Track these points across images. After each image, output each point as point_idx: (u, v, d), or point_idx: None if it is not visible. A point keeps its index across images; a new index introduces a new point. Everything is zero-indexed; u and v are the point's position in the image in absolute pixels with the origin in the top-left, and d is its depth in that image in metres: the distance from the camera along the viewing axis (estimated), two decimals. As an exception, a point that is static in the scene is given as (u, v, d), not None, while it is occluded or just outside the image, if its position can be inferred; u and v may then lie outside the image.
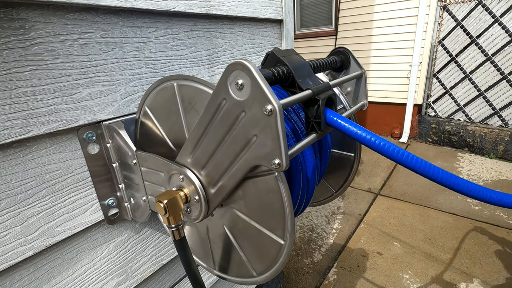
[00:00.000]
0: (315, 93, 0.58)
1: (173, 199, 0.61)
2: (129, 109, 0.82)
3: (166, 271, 1.09)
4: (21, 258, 0.68)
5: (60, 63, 0.66)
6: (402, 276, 2.44)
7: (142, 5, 0.77)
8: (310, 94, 0.58)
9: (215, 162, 0.58)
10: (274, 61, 0.63)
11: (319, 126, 0.59)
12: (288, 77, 0.61)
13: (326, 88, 0.61)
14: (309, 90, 0.58)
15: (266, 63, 0.65)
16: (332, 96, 0.62)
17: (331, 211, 3.44)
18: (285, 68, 0.61)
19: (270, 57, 0.64)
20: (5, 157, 0.62)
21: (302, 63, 0.65)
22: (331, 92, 0.62)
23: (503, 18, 4.08)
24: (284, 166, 0.48)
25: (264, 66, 0.65)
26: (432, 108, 5.12)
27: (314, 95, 0.58)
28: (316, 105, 0.58)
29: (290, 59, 0.64)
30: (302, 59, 0.67)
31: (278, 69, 0.60)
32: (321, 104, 0.58)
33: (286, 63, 0.62)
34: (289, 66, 0.61)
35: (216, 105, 0.53)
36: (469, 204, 3.36)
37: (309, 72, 0.65)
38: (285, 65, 0.62)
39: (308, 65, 0.67)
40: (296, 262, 2.68)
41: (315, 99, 0.58)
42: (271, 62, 0.64)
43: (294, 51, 0.68)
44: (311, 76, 0.65)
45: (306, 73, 0.64)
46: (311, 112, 0.59)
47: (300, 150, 0.56)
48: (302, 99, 0.56)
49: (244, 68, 0.46)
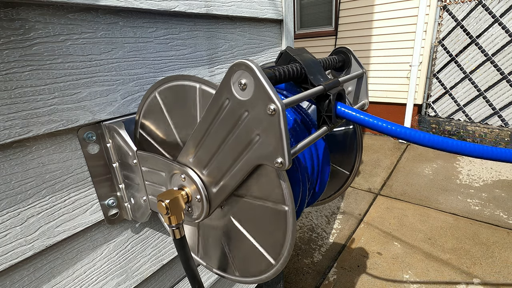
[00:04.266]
0: (327, 88, 0.63)
1: (175, 198, 0.61)
2: (129, 109, 0.81)
3: (166, 271, 1.08)
4: (21, 258, 0.68)
5: (60, 63, 0.66)
6: (402, 276, 2.44)
7: (142, 5, 0.77)
8: (322, 90, 0.62)
9: (217, 161, 0.58)
10: (288, 59, 0.67)
11: (330, 119, 0.64)
12: (301, 74, 0.65)
13: (336, 84, 0.66)
14: (320, 86, 0.62)
15: (279, 61, 0.68)
16: (341, 92, 0.66)
17: (331, 211, 3.44)
18: (298, 66, 0.65)
19: (284, 56, 0.68)
20: (5, 157, 0.62)
21: (313, 61, 0.69)
22: (340, 88, 0.66)
23: (503, 18, 4.08)
24: (287, 165, 0.48)
25: (278, 64, 0.68)
26: (432, 108, 5.12)
27: (325, 91, 0.63)
28: (327, 100, 0.63)
29: (302, 57, 0.67)
30: (313, 57, 0.71)
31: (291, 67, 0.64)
32: (332, 98, 0.63)
33: (299, 61, 0.66)
34: (302, 64, 0.65)
35: (219, 104, 0.53)
36: (469, 204, 3.36)
37: (319, 69, 0.69)
38: (298, 63, 0.65)
39: (319, 63, 0.71)
40: (296, 262, 2.68)
41: (326, 94, 0.63)
42: (285, 60, 0.68)
43: (305, 50, 0.72)
44: (321, 73, 0.68)
45: (317, 70, 0.68)
46: (322, 106, 0.64)
47: (304, 148, 0.56)
48: (314, 94, 0.60)
49: (248, 68, 0.47)
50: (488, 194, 3.52)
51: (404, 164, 4.43)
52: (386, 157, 4.72)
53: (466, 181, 3.83)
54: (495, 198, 3.43)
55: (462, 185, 3.75)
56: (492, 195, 3.49)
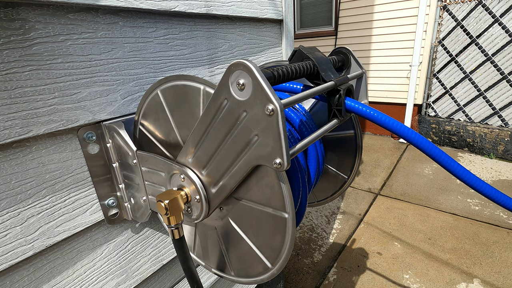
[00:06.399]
0: (337, 84, 0.67)
1: (174, 199, 0.61)
2: (129, 109, 0.81)
3: (166, 271, 1.09)
4: (21, 258, 0.68)
5: (60, 63, 0.66)
6: (402, 276, 2.44)
7: (142, 5, 0.77)
8: (333, 85, 0.66)
9: (216, 161, 0.58)
10: (301, 57, 0.71)
11: (340, 112, 0.68)
12: (313, 71, 0.68)
13: (346, 80, 0.70)
14: (331, 81, 0.66)
15: (293, 59, 0.72)
16: (350, 87, 0.71)
17: (331, 211, 3.44)
18: (311, 63, 0.68)
19: (298, 54, 0.71)
20: (5, 157, 0.62)
21: (324, 59, 0.73)
22: (350, 84, 0.71)
23: (503, 18, 4.08)
24: (286, 166, 0.48)
25: (291, 61, 0.71)
26: (432, 108, 5.12)
27: (336, 86, 0.67)
28: (338, 95, 0.67)
29: (314, 55, 0.71)
30: (324, 55, 0.75)
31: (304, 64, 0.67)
32: (343, 93, 0.67)
33: (311, 59, 0.69)
34: (314, 61, 0.69)
35: (218, 105, 0.53)
36: (469, 204, 3.36)
37: (330, 66, 0.73)
38: (311, 60, 0.69)
39: (329, 60, 0.75)
40: (296, 262, 2.68)
41: (337, 89, 0.67)
42: (299, 57, 0.71)
43: (316, 49, 0.75)
44: (331, 70, 0.72)
45: (328, 67, 0.72)
46: (333, 100, 0.69)
47: (303, 148, 0.56)
48: (326, 89, 0.65)
49: (246, 68, 0.46)
50: (488, 194, 3.51)
51: (404, 164, 4.43)
52: (386, 157, 4.72)
53: (466, 181, 3.82)
54: (495, 198, 3.43)
55: (462, 185, 3.75)
56: (492, 195, 3.48)
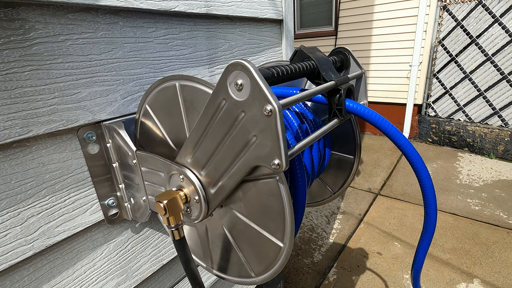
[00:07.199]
0: (338, 83, 0.67)
1: (173, 199, 0.61)
2: (129, 109, 0.82)
3: (166, 271, 1.09)
4: (21, 258, 0.68)
5: (60, 63, 0.66)
6: (402, 276, 2.44)
7: (142, 5, 0.77)
8: (334, 85, 0.66)
9: (215, 162, 0.58)
10: (302, 57, 0.71)
11: (340, 112, 0.68)
12: (314, 70, 0.68)
13: (346, 80, 0.70)
14: (332, 81, 0.66)
15: (294, 59, 0.72)
16: (351, 87, 0.71)
17: (331, 211, 3.44)
18: (312, 63, 0.68)
19: (299, 53, 0.71)
20: (5, 157, 0.62)
21: (325, 59, 0.73)
22: (350, 84, 0.71)
23: (503, 18, 4.08)
24: (284, 167, 0.48)
25: (292, 61, 0.71)
26: (432, 108, 5.12)
27: (337, 85, 0.67)
28: (338, 94, 0.67)
29: (315, 55, 0.71)
30: (324, 55, 0.75)
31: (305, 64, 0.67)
32: (343, 93, 0.67)
33: (312, 59, 0.69)
34: (315, 61, 0.68)
35: (216, 105, 0.53)
36: (469, 204, 3.36)
37: (330, 66, 0.73)
38: (312, 60, 0.69)
39: (330, 60, 0.75)
40: (296, 262, 2.68)
41: (337, 89, 0.67)
42: (300, 57, 0.71)
43: (317, 49, 0.75)
44: (332, 70, 0.72)
45: (329, 67, 0.72)
46: (333, 100, 0.69)
47: (302, 149, 0.56)
48: (327, 89, 0.65)
49: (244, 68, 0.46)
50: (488, 194, 3.52)
51: (404, 164, 4.43)
52: (386, 157, 4.72)
53: (466, 181, 3.83)
54: (495, 198, 3.43)
55: (462, 185, 3.75)
56: (492, 195, 3.48)
